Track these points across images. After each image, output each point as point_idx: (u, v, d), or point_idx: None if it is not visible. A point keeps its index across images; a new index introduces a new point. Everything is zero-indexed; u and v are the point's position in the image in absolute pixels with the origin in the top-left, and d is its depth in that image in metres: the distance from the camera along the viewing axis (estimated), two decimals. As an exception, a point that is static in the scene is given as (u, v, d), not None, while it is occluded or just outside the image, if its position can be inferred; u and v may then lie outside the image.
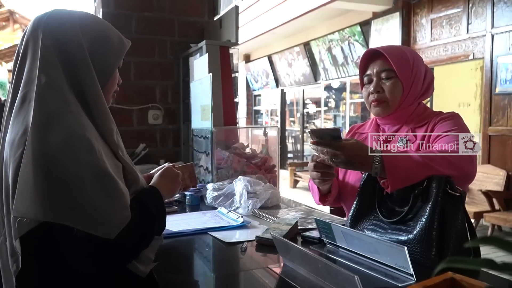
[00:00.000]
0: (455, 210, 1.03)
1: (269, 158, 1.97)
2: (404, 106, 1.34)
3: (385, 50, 1.30)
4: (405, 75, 1.31)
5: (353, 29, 6.97)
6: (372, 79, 1.35)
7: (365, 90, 1.38)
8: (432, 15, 5.75)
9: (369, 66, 1.35)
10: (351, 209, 1.24)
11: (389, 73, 1.31)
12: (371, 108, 1.37)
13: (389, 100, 1.32)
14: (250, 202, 1.60)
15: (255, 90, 11.47)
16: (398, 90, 1.31)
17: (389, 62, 1.30)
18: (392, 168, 1.08)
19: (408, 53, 1.33)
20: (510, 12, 4.76)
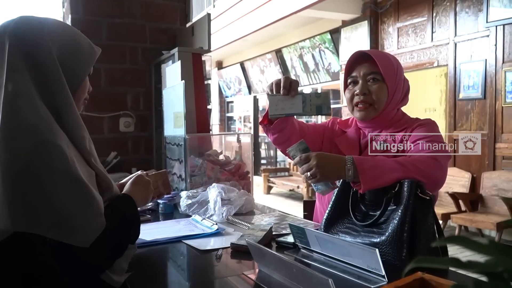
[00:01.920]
0: (425, 212, 1.07)
1: (243, 165, 1.98)
2: (387, 110, 1.37)
3: (374, 54, 1.34)
4: (391, 80, 1.34)
5: (324, 37, 7.09)
6: (358, 81, 1.37)
7: (349, 92, 1.40)
8: (398, 23, 5.92)
9: (356, 68, 1.38)
10: (325, 213, 1.26)
11: (376, 76, 1.34)
12: (355, 111, 1.40)
13: (375, 102, 1.35)
14: (224, 209, 1.60)
15: (228, 97, 11.48)
16: (384, 94, 1.34)
17: (376, 65, 1.32)
18: (363, 168, 1.11)
19: (393, 60, 1.38)
20: (471, 21, 4.97)
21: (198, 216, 1.59)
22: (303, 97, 1.25)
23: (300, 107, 1.24)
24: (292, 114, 1.27)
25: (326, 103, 1.25)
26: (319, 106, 1.25)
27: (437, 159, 1.17)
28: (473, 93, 5.00)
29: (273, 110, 1.26)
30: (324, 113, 1.26)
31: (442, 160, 1.18)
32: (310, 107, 1.25)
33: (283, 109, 1.26)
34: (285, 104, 1.25)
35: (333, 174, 1.14)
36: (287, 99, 1.25)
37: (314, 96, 1.25)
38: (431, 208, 1.07)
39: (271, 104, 1.26)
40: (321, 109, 1.25)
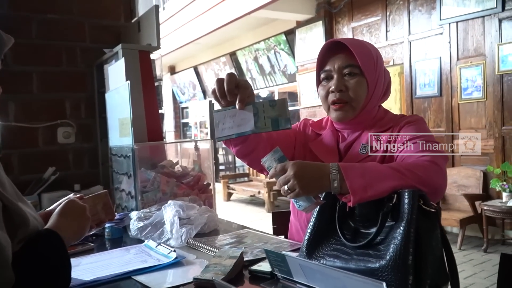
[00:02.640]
0: (430, 228, 0.87)
1: (203, 176, 1.73)
2: (368, 108, 1.18)
3: (349, 43, 1.13)
4: (370, 73, 1.15)
5: (278, 38, 6.97)
6: (332, 75, 1.17)
7: (323, 89, 1.19)
8: (353, 23, 5.89)
9: (329, 61, 1.17)
10: (307, 232, 1.05)
11: (353, 70, 1.14)
12: (331, 111, 1.19)
13: (353, 100, 1.15)
14: (183, 230, 1.35)
15: (182, 102, 11.12)
16: (363, 90, 1.15)
17: (353, 57, 1.13)
18: (352, 176, 0.91)
19: (371, 49, 1.18)
20: (425, 20, 4.99)
21: (152, 241, 1.33)
22: (254, 109, 1.00)
23: (251, 123, 1.00)
24: (243, 133, 1.02)
25: (284, 114, 1.00)
26: (275, 119, 1.00)
27: (436, 163, 0.98)
28: (429, 90, 5.02)
29: (219, 131, 1.02)
30: (282, 127, 1.00)
31: (441, 163, 1.00)
32: (264, 121, 1.00)
33: (231, 128, 1.01)
34: (234, 121, 1.01)
35: (315, 185, 0.93)
36: (235, 114, 1.01)
37: (268, 106, 1.00)
38: (438, 223, 0.88)
39: (216, 123, 1.02)
40: (278, 123, 1.00)
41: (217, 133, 1.02)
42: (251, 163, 1.22)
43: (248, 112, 1.00)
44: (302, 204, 0.98)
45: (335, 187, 0.92)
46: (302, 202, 0.97)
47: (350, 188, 0.90)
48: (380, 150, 1.14)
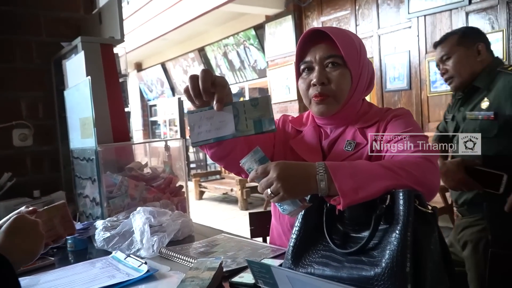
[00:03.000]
0: (428, 231, 0.80)
1: (175, 178, 1.62)
2: (352, 102, 1.10)
3: (331, 32, 1.04)
4: (354, 64, 1.06)
5: (248, 33, 6.86)
6: (313, 67, 1.08)
7: (303, 82, 1.10)
8: (322, 17, 5.86)
9: (309, 51, 1.08)
10: (292, 237, 0.96)
11: (335, 60, 1.05)
12: (312, 105, 1.11)
13: (336, 93, 1.06)
14: (155, 239, 1.23)
15: (150, 100, 10.85)
16: (347, 82, 1.07)
17: (335, 46, 1.04)
18: (341, 177, 0.82)
19: (354, 38, 1.10)
20: (393, 14, 5.01)
21: (121, 252, 1.20)
22: (234, 110, 0.89)
23: (231, 126, 0.89)
24: (222, 138, 0.90)
25: (267, 114, 0.89)
26: (257, 120, 0.89)
27: (429, 160, 0.91)
28: (399, 84, 5.05)
29: (195, 135, 0.89)
30: (266, 129, 0.89)
31: (434, 160, 0.93)
32: (246, 122, 0.89)
33: (209, 131, 0.89)
34: (212, 123, 0.89)
35: (300, 188, 0.84)
36: (213, 115, 0.89)
37: (249, 106, 0.89)
38: (435, 225, 0.81)
39: (191, 126, 0.90)
40: (261, 124, 0.89)
41: (193, 138, 0.89)
42: (228, 166, 1.12)
43: (227, 113, 0.89)
44: (287, 208, 0.88)
45: (323, 189, 0.84)
46: (286, 206, 0.88)
47: (339, 189, 0.82)
48: (367, 147, 1.06)
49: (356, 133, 1.09)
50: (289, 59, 6.14)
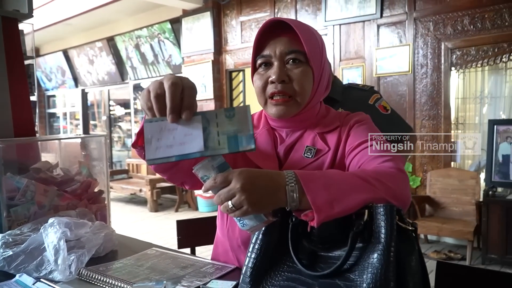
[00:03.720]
0: (409, 250, 0.73)
1: (94, 181, 1.38)
2: (313, 103, 1.00)
3: (295, 25, 0.93)
4: (316, 62, 0.97)
5: (163, 26, 6.55)
6: (272, 62, 0.96)
7: (260, 78, 0.98)
8: (241, 17, 5.80)
9: (268, 44, 0.96)
10: (250, 257, 0.83)
11: (297, 56, 0.95)
12: (269, 106, 0.99)
13: (297, 94, 0.96)
14: (72, 258, 1.01)
15: (49, 90, 9.85)
16: (309, 82, 0.97)
17: (298, 41, 0.93)
18: (314, 188, 0.72)
19: (317, 34, 1.00)
20: (311, 20, 5.12)
21: (27, 276, 0.97)
22: (204, 121, 0.70)
23: (199, 142, 0.69)
24: (187, 156, 0.69)
25: (245, 129, 0.70)
26: (232, 136, 0.70)
27: (402, 170, 0.85)
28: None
29: (152, 151, 0.69)
30: (243, 148, 0.70)
31: (405, 171, 0.88)
32: (218, 138, 0.70)
33: (170, 146, 0.69)
34: (175, 137, 0.70)
35: (268, 201, 0.71)
36: (176, 127, 0.70)
37: (222, 118, 0.70)
38: (416, 243, 0.75)
39: (148, 138, 0.69)
40: (238, 142, 0.70)
41: (149, 153, 0.68)
42: (172, 177, 0.97)
43: (195, 125, 0.70)
44: (248, 223, 0.75)
45: (293, 202, 0.72)
46: (248, 220, 0.74)
47: (313, 203, 0.71)
48: (329, 154, 0.97)
49: (316, 139, 1.00)
50: (206, 57, 5.98)
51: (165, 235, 4.66)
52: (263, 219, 0.74)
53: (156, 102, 0.70)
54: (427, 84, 4.16)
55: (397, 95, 4.37)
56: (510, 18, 3.63)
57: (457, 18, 3.95)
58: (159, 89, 0.71)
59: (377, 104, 1.72)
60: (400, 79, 4.35)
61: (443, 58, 4.04)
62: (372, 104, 1.71)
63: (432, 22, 4.10)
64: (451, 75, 4.09)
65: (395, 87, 4.38)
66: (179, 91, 0.70)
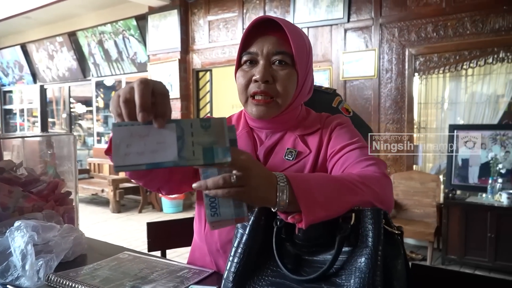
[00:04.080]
0: (395, 254, 0.73)
1: (61, 182, 1.32)
2: (294, 106, 1.00)
3: (285, 25, 0.93)
4: (302, 66, 0.97)
5: (128, 23, 6.38)
6: (257, 60, 0.95)
7: (244, 75, 0.96)
8: (209, 16, 5.75)
9: (256, 41, 0.95)
10: (233, 261, 0.81)
11: (284, 58, 0.94)
12: (249, 105, 0.97)
13: (280, 95, 0.95)
14: (41, 263, 0.96)
15: (5, 85, 9.38)
16: (293, 84, 0.96)
17: (287, 42, 0.93)
18: (304, 190, 0.70)
19: (305, 37, 1.00)
20: (280, 21, 5.15)
21: (-9, 283, 0.90)
22: (178, 130, 0.64)
23: (173, 151, 0.63)
24: (159, 165, 0.63)
25: (222, 142, 0.64)
26: (208, 147, 0.63)
27: (386, 175, 0.86)
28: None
29: (120, 157, 0.62)
30: (219, 160, 0.63)
31: (388, 176, 0.88)
32: (193, 149, 0.63)
33: (141, 154, 0.63)
34: (146, 143, 0.63)
35: (262, 194, 0.67)
36: (147, 133, 0.64)
37: (198, 128, 0.64)
38: (402, 247, 0.75)
39: (117, 143, 0.63)
40: (213, 154, 0.63)
41: (117, 159, 0.62)
42: (148, 184, 0.94)
43: (169, 133, 0.64)
44: (223, 212, 0.67)
45: (282, 202, 0.68)
46: (224, 209, 0.67)
47: (302, 205, 0.69)
48: (310, 156, 0.97)
49: (297, 141, 0.99)
50: (172, 55, 5.88)
51: (128, 236, 4.54)
52: (243, 213, 0.68)
53: (126, 107, 0.64)
54: (391, 88, 4.28)
55: (362, 99, 4.46)
56: (471, 27, 3.80)
57: (421, 25, 4.08)
58: (128, 94, 0.65)
59: (340, 107, 1.75)
60: (366, 83, 4.44)
61: (407, 64, 4.17)
62: (336, 107, 1.74)
63: (397, 28, 4.22)
64: (414, 81, 4.22)
65: (361, 91, 4.48)
66: (149, 90, 0.64)
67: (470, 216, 3.39)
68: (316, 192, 0.71)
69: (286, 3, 5.06)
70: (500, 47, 3.70)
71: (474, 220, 3.37)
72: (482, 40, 3.76)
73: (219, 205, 0.65)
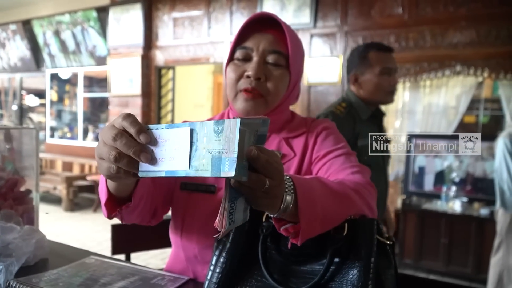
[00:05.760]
0: (386, 265, 0.72)
1: (20, 179, 1.22)
2: (282, 108, 0.97)
3: (285, 25, 0.91)
4: (296, 68, 0.95)
5: (88, 14, 6.13)
6: (251, 56, 0.92)
7: (235, 70, 0.93)
8: (174, 13, 5.64)
9: (252, 37, 0.92)
10: (214, 270, 0.77)
11: (279, 58, 0.92)
12: (238, 100, 0.93)
13: (270, 94, 0.92)
14: (0, 268, 0.87)
15: None
16: (284, 85, 0.94)
17: (283, 42, 0.90)
18: (308, 201, 0.64)
19: (300, 42, 0.98)
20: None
21: None
22: (193, 134, 0.56)
23: (185, 158, 0.56)
24: (173, 173, 0.57)
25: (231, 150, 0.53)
26: (217, 156, 0.53)
27: (371, 184, 0.85)
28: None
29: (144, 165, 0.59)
30: (225, 173, 0.53)
31: (373, 184, 0.87)
32: (204, 157, 0.55)
33: (162, 160, 0.58)
34: (166, 149, 0.58)
35: (271, 203, 0.61)
36: (169, 137, 0.58)
37: (211, 132, 0.55)
38: (393, 258, 0.74)
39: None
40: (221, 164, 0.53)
41: (142, 164, 0.59)
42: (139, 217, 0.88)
43: (183, 137, 0.56)
44: (237, 218, 0.59)
45: (285, 207, 0.62)
46: (238, 214, 0.59)
47: (302, 220, 0.64)
48: (295, 160, 0.95)
49: (282, 143, 0.97)
50: (134, 50, 5.71)
51: (83, 237, 4.34)
52: (247, 217, 0.62)
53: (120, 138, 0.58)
54: (354, 95, 4.36)
55: (326, 104, 4.48)
56: (431, 39, 3.95)
57: (383, 35, 4.20)
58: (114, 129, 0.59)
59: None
60: (330, 89, 4.51)
61: (370, 72, 4.27)
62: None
63: (361, 37, 4.32)
64: (376, 89, 4.33)
65: (325, 96, 4.54)
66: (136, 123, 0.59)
67: (425, 222, 3.52)
68: (318, 205, 0.67)
69: (253, 4, 5.04)
70: (457, 60, 3.87)
71: (429, 226, 3.50)
72: (441, 53, 3.92)
73: (236, 210, 0.58)
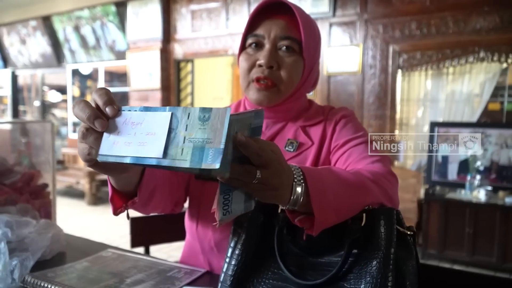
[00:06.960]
0: (407, 257, 0.68)
1: (36, 173, 1.22)
2: (297, 96, 0.94)
3: (297, 9, 0.87)
4: (310, 54, 0.91)
5: (107, 8, 6.17)
6: (263, 44, 0.89)
7: (247, 58, 0.90)
8: (192, 5, 5.62)
9: (263, 24, 0.89)
10: (230, 263, 0.75)
11: (292, 44, 0.88)
12: (251, 90, 0.91)
13: (283, 83, 0.89)
14: (15, 263, 0.87)
15: (-27, 70, 8.98)
16: (298, 73, 0.91)
17: (295, 28, 0.87)
18: (319, 191, 0.61)
19: (315, 25, 0.94)
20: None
21: (-42, 285, 0.81)
22: (173, 120, 0.52)
23: (159, 145, 0.51)
24: (141, 160, 0.52)
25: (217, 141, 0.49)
26: (199, 146, 0.49)
27: (393, 173, 0.81)
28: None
29: (108, 145, 0.55)
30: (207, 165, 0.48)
31: (394, 173, 0.83)
32: (183, 146, 0.50)
33: (128, 144, 0.54)
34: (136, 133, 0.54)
35: (278, 193, 0.58)
36: (142, 120, 0.54)
37: (195, 119, 0.51)
38: (415, 249, 0.70)
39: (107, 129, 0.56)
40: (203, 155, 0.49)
41: (103, 147, 0.55)
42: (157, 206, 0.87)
43: (162, 122, 0.52)
44: (234, 208, 0.57)
45: (295, 199, 0.60)
46: (235, 205, 0.57)
47: (316, 209, 0.61)
48: (312, 148, 0.91)
49: (298, 132, 0.94)
50: (153, 44, 5.72)
51: (106, 230, 4.41)
52: (251, 206, 0.60)
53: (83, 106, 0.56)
54: (375, 84, 4.27)
55: (346, 94, 4.44)
56: (454, 25, 3.82)
57: (405, 22, 4.08)
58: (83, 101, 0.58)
59: None
60: (350, 79, 4.42)
61: (391, 61, 4.17)
62: None
63: (381, 24, 4.21)
64: (397, 77, 4.23)
65: (345, 86, 4.46)
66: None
67: (449, 212, 3.43)
68: (331, 196, 0.63)
69: (271, -6, 4.98)
70: (481, 46, 3.73)
71: (453, 216, 3.42)
72: (464, 39, 3.78)
73: (232, 202, 0.56)
